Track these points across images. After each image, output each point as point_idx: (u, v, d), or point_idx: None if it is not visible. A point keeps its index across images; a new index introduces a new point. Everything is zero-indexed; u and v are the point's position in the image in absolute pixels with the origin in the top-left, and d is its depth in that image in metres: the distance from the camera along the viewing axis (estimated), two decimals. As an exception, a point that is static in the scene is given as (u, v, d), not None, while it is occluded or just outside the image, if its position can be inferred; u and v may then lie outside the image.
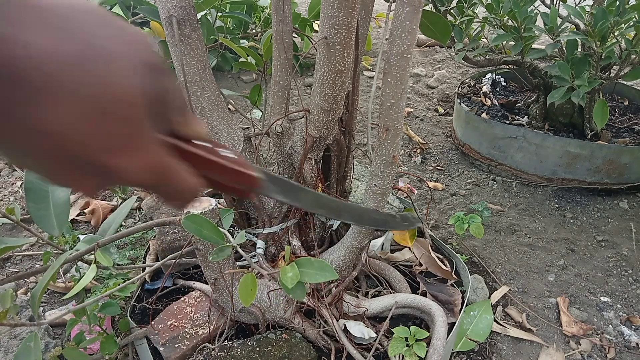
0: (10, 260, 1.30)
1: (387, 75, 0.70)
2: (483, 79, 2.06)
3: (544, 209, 1.50)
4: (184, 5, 0.75)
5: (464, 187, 1.62)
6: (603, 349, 1.05)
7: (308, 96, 2.19)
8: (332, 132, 0.85)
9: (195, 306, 0.97)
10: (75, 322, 0.83)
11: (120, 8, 1.84)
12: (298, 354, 0.84)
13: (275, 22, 0.81)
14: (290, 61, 0.84)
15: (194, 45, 0.79)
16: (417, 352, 0.83)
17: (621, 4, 1.24)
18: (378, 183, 0.81)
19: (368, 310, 0.93)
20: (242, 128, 0.94)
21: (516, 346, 1.05)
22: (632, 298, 1.18)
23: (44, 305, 1.14)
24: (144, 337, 0.92)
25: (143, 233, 1.32)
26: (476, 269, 1.26)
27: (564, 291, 1.20)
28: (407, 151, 1.84)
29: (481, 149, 1.69)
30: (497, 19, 1.46)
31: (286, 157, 0.91)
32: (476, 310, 1.06)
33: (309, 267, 0.63)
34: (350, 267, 0.94)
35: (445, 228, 1.41)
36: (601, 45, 1.29)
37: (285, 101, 0.88)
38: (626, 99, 1.91)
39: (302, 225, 0.97)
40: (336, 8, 0.67)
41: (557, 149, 1.51)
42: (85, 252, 0.76)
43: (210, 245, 0.78)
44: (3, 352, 0.91)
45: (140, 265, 1.11)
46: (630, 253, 1.32)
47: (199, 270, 1.07)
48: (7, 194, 1.56)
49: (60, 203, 0.80)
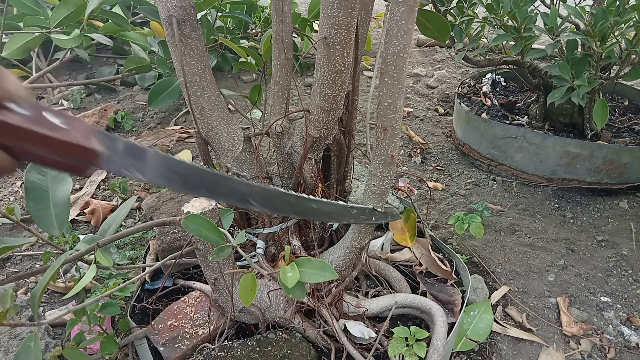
0: (10, 260, 1.30)
1: (384, 75, 0.70)
2: (483, 79, 2.06)
3: (544, 209, 1.50)
4: (184, 5, 0.75)
5: (464, 187, 1.62)
6: (603, 349, 1.05)
7: (308, 96, 2.19)
8: (332, 132, 0.85)
9: (195, 306, 0.97)
10: (75, 322, 0.83)
11: (120, 8, 1.84)
12: (298, 354, 0.85)
13: (275, 22, 0.81)
14: (290, 61, 0.84)
15: (194, 45, 0.79)
16: (417, 352, 0.83)
17: (621, 4, 1.24)
18: (377, 183, 0.81)
19: (368, 310, 0.93)
20: (242, 128, 0.94)
21: (516, 346, 1.05)
22: (632, 298, 1.18)
23: (44, 305, 1.14)
24: (144, 337, 0.92)
25: (143, 233, 1.32)
26: (476, 269, 1.26)
27: (564, 291, 1.20)
28: (407, 151, 1.84)
29: (481, 149, 1.69)
30: (497, 19, 1.46)
31: (286, 157, 0.91)
32: (476, 310, 1.06)
33: (309, 267, 0.63)
34: (350, 267, 0.94)
35: (445, 228, 1.41)
36: (601, 45, 1.29)
37: (285, 101, 0.88)
38: (626, 99, 1.91)
39: (302, 225, 0.97)
40: (336, 8, 0.67)
41: (557, 149, 1.51)
42: (85, 252, 0.77)
43: (210, 245, 0.78)
44: (3, 352, 0.91)
45: (140, 265, 1.11)
46: (630, 253, 1.32)
47: (199, 270, 1.07)
48: (7, 194, 1.56)
49: (60, 203, 0.80)
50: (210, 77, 0.84)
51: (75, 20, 1.56)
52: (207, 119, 0.86)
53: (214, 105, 0.86)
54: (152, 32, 1.84)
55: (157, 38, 1.81)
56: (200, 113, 0.85)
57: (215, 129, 0.87)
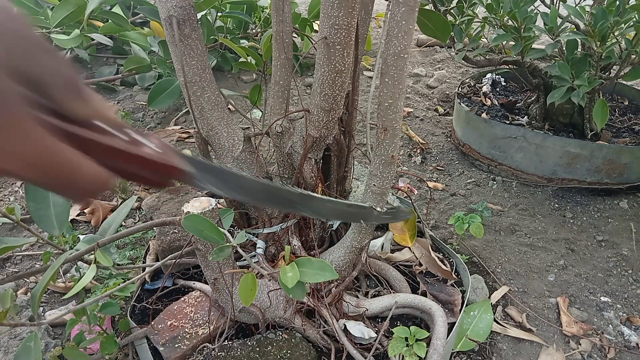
0: (10, 260, 1.30)
1: (385, 76, 0.70)
2: (483, 79, 2.06)
3: (544, 209, 1.50)
4: (184, 5, 0.75)
5: (464, 187, 1.62)
6: (603, 349, 1.05)
7: (308, 96, 2.19)
8: (332, 132, 0.85)
9: (195, 306, 0.97)
10: (75, 322, 0.83)
11: (120, 8, 1.84)
12: (298, 354, 0.84)
13: (275, 22, 0.81)
14: (290, 61, 0.84)
15: (194, 45, 0.79)
16: (417, 352, 0.83)
17: (621, 4, 1.24)
18: (377, 183, 0.81)
19: (368, 310, 0.93)
20: (242, 128, 0.94)
21: (516, 346, 1.05)
22: (632, 298, 1.18)
23: (44, 305, 1.14)
24: (144, 337, 0.92)
25: (143, 233, 1.32)
26: (476, 269, 1.26)
27: (564, 291, 1.20)
28: (407, 151, 1.84)
29: (481, 149, 1.69)
30: (497, 19, 1.46)
31: (286, 157, 0.91)
32: (476, 310, 1.06)
33: (308, 267, 0.63)
34: (350, 267, 0.94)
35: (445, 228, 1.41)
36: (601, 45, 1.29)
37: (285, 101, 0.88)
38: (626, 99, 1.91)
39: (302, 225, 0.97)
40: (336, 8, 0.67)
41: (557, 149, 1.51)
42: (85, 252, 0.76)
43: (210, 245, 0.78)
44: (3, 352, 0.91)
45: (140, 265, 1.11)
46: (630, 253, 1.32)
47: (199, 270, 1.07)
48: (7, 194, 1.56)
49: (61, 203, 0.80)
50: (210, 77, 0.84)
51: (75, 20, 1.56)
52: (207, 119, 0.86)
53: (214, 105, 0.86)
54: (152, 32, 1.84)
55: (157, 38, 1.81)
56: (200, 113, 0.85)
57: (215, 129, 0.87)
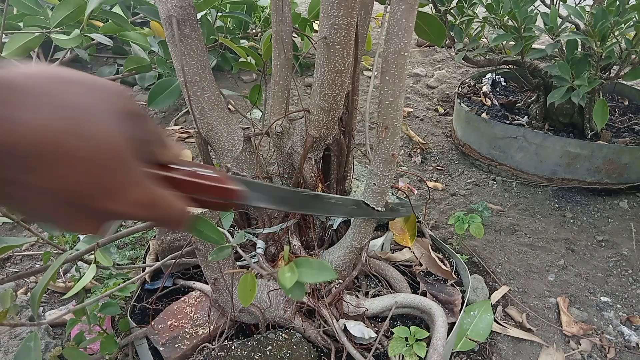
0: (10, 260, 1.30)
1: (385, 74, 0.70)
2: (483, 79, 2.06)
3: (544, 209, 1.50)
4: (183, 5, 0.75)
5: (464, 187, 1.62)
6: (603, 349, 1.05)
7: (308, 96, 2.19)
8: (332, 132, 0.85)
9: (195, 306, 0.97)
10: (75, 322, 0.83)
11: (120, 8, 1.84)
12: (298, 354, 0.84)
13: (275, 22, 0.81)
14: (290, 61, 0.84)
15: (194, 45, 0.79)
16: (417, 352, 0.83)
17: (621, 4, 1.24)
18: (377, 182, 0.81)
19: (368, 310, 0.93)
20: (242, 128, 0.94)
21: (516, 346, 1.05)
22: (632, 298, 1.18)
23: (44, 305, 1.14)
24: (144, 337, 0.92)
25: (143, 233, 1.32)
26: (476, 269, 1.26)
27: (564, 291, 1.20)
28: (407, 151, 1.83)
29: (481, 149, 1.69)
30: (497, 19, 1.46)
31: (286, 157, 0.90)
32: (476, 310, 1.06)
33: (307, 267, 0.63)
34: (350, 267, 0.94)
35: (445, 228, 1.41)
36: (601, 45, 1.29)
37: (285, 101, 0.88)
38: (626, 99, 1.91)
39: (302, 225, 0.97)
40: (336, 8, 0.67)
41: (557, 149, 1.51)
42: (85, 252, 0.77)
43: (210, 245, 0.78)
44: (3, 352, 0.91)
45: (140, 265, 1.11)
46: (630, 253, 1.32)
47: (199, 270, 1.07)
48: (7, 194, 1.56)
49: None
50: (210, 77, 0.84)
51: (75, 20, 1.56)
52: (207, 119, 0.86)
53: (214, 105, 0.86)
54: (152, 32, 1.84)
55: (157, 38, 1.80)
56: (200, 113, 0.85)
57: (215, 129, 0.87)
